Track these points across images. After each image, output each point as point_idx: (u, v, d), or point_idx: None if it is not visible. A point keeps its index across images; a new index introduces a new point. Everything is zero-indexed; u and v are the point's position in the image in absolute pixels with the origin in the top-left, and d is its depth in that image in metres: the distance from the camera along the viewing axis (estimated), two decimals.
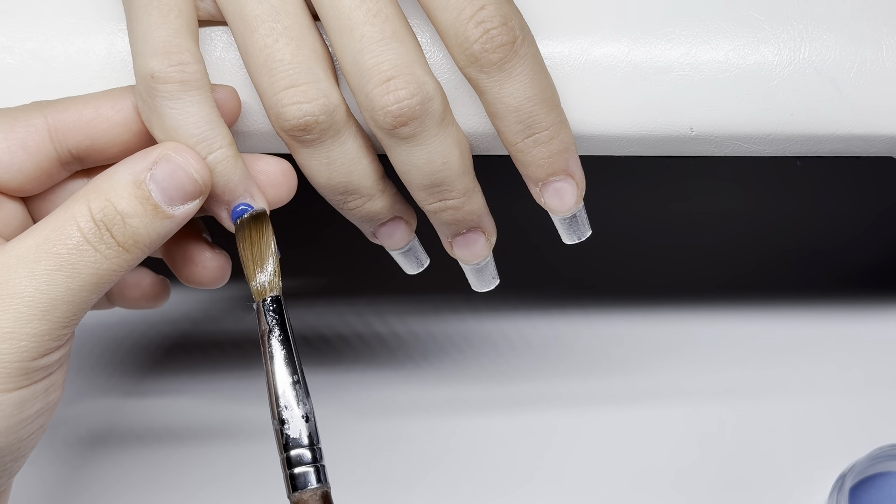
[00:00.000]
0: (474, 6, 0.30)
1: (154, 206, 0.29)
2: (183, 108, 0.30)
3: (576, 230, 0.35)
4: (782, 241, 0.55)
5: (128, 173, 0.29)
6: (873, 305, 0.52)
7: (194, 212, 0.30)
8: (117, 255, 0.29)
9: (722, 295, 0.53)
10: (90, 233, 0.29)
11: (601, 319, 0.52)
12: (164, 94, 0.30)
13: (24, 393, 0.29)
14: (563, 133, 0.32)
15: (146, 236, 0.29)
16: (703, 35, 0.34)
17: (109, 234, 0.29)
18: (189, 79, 0.30)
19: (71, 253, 0.29)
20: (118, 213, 0.29)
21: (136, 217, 0.29)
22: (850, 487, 0.43)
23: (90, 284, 0.29)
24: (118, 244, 0.29)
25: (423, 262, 0.37)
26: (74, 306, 0.29)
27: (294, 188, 0.33)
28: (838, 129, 0.34)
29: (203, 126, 0.30)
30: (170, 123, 0.30)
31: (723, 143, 0.35)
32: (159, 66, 0.30)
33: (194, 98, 0.30)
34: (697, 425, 0.48)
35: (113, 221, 0.29)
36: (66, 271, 0.28)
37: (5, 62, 0.34)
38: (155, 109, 0.30)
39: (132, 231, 0.29)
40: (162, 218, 0.29)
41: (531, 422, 0.49)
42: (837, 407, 0.49)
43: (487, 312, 0.52)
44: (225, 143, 0.31)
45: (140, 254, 0.30)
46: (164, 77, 0.30)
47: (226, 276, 0.34)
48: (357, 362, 0.51)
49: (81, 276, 0.29)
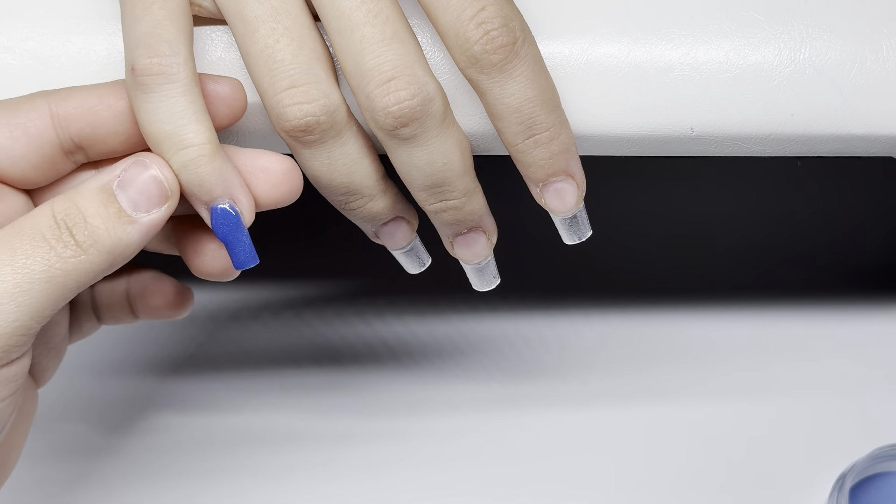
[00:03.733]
0: (475, 7, 0.30)
1: (118, 210, 0.29)
2: (157, 101, 0.29)
3: (576, 230, 0.35)
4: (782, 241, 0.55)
5: (97, 180, 0.29)
6: (873, 305, 0.52)
7: (161, 220, 0.30)
8: (73, 255, 0.28)
9: (722, 295, 0.53)
10: (48, 229, 0.28)
11: (601, 319, 0.52)
12: (141, 87, 0.29)
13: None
14: (564, 134, 0.32)
15: (107, 239, 0.29)
16: (703, 35, 0.34)
17: (69, 233, 0.28)
18: (165, 71, 0.29)
19: (25, 247, 0.28)
20: (80, 212, 0.29)
21: (98, 217, 0.29)
22: (850, 487, 0.43)
23: (41, 283, 0.28)
24: (76, 244, 0.28)
25: (425, 262, 0.37)
26: (24, 308, 0.28)
27: (297, 189, 0.32)
28: (839, 130, 0.35)
29: (176, 121, 0.29)
30: (143, 117, 0.29)
31: (723, 143, 0.35)
32: (138, 59, 0.29)
33: (170, 91, 0.29)
34: (697, 425, 0.48)
35: (74, 221, 0.28)
36: (16, 266, 0.28)
37: (6, 62, 0.34)
38: (134, 101, 0.29)
39: (92, 230, 0.29)
40: (126, 223, 0.29)
41: (531, 422, 0.49)
42: (837, 407, 0.49)
43: (488, 312, 0.52)
44: (199, 141, 0.30)
45: (99, 258, 0.29)
46: (141, 69, 0.29)
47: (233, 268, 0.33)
48: (357, 362, 0.51)
49: (32, 272, 0.28)
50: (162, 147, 0.30)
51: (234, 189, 0.30)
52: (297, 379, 0.50)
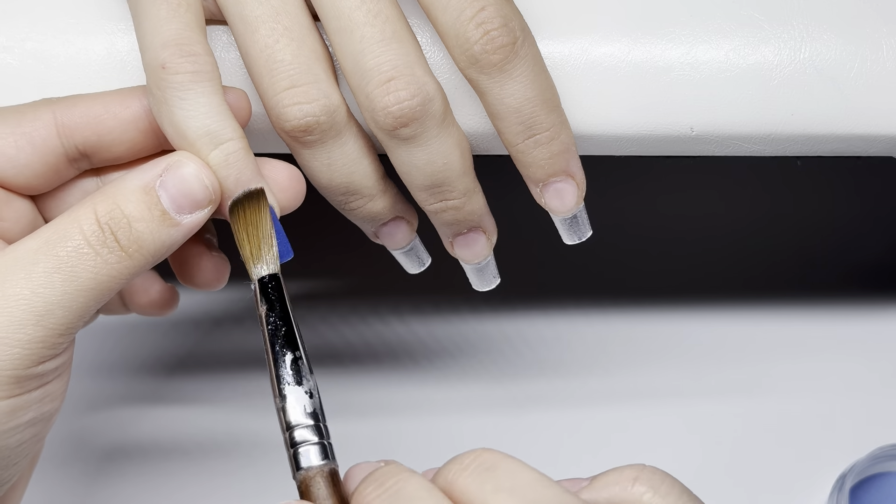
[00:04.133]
0: (475, 7, 0.30)
1: (162, 213, 0.29)
2: (194, 98, 0.29)
3: (576, 230, 0.35)
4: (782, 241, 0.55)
5: (138, 179, 0.29)
6: (873, 305, 0.52)
7: (202, 222, 0.30)
8: (119, 261, 0.28)
9: (722, 295, 0.53)
10: (93, 236, 0.28)
11: (601, 319, 0.52)
12: (175, 85, 0.29)
13: (16, 402, 0.28)
14: (564, 134, 0.32)
15: (151, 243, 0.29)
16: (703, 35, 0.34)
17: (114, 238, 0.28)
18: (200, 69, 0.29)
19: (70, 256, 0.28)
20: (125, 216, 0.28)
21: (143, 222, 0.29)
22: (850, 487, 0.43)
23: (88, 290, 0.28)
24: (121, 249, 0.28)
25: (425, 262, 0.37)
26: (71, 313, 0.28)
27: (301, 194, 0.32)
28: (839, 129, 0.34)
29: (213, 117, 0.29)
30: (179, 115, 0.29)
31: (723, 142, 0.35)
32: (170, 58, 0.29)
33: (205, 89, 0.29)
34: (697, 425, 0.48)
35: (119, 225, 0.28)
36: (64, 274, 0.28)
37: (5, 62, 0.34)
38: (165, 102, 0.29)
39: (137, 236, 0.28)
40: (169, 225, 0.29)
41: (531, 422, 0.49)
42: (837, 407, 0.49)
43: (488, 312, 0.52)
44: (237, 136, 0.30)
45: (143, 261, 0.29)
46: (175, 68, 0.29)
47: (223, 278, 0.34)
48: (357, 362, 0.51)
49: (80, 279, 0.28)
50: (199, 143, 0.29)
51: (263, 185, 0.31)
52: None
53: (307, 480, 0.29)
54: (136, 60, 0.34)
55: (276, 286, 0.30)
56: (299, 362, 0.30)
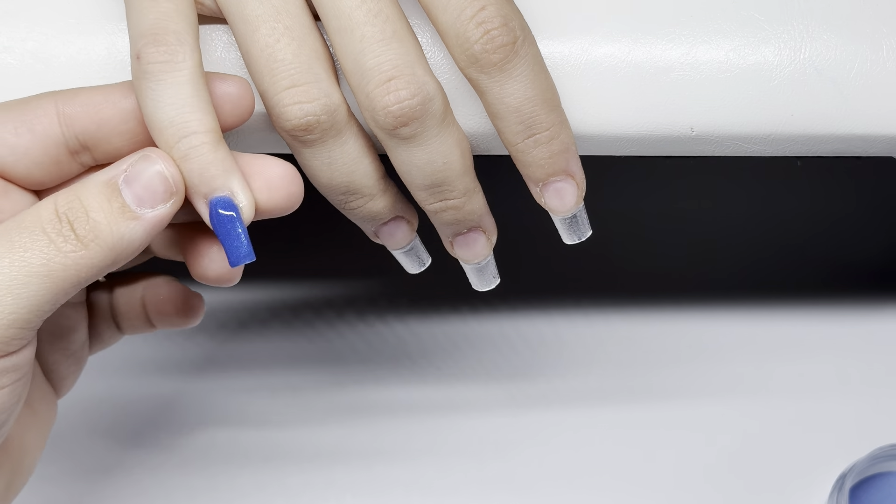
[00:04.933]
0: (475, 7, 0.30)
1: (122, 205, 0.28)
2: (162, 89, 0.29)
3: (576, 230, 0.35)
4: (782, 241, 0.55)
5: (103, 174, 0.29)
6: (873, 305, 0.52)
7: (166, 218, 0.29)
8: (73, 250, 0.28)
9: (722, 295, 0.53)
10: (49, 224, 0.28)
11: (601, 319, 0.52)
12: (147, 75, 0.29)
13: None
14: (564, 133, 0.32)
15: (108, 234, 0.28)
16: (703, 35, 0.34)
17: (70, 228, 0.28)
18: (171, 59, 0.29)
19: (24, 240, 0.27)
20: (83, 206, 0.28)
21: (101, 212, 0.28)
22: (850, 487, 0.43)
23: (39, 276, 0.27)
24: (77, 238, 0.28)
25: (425, 262, 0.37)
26: (21, 301, 0.27)
27: (296, 196, 0.31)
28: (839, 130, 0.35)
29: (180, 108, 0.29)
30: (148, 104, 0.29)
31: (723, 143, 0.35)
32: (144, 48, 0.29)
33: (175, 79, 0.29)
34: (697, 425, 0.48)
35: (76, 215, 0.28)
36: (13, 258, 0.27)
37: (5, 62, 0.34)
38: (139, 92, 0.29)
39: (93, 226, 0.28)
40: (129, 218, 0.28)
41: (531, 422, 0.49)
42: (837, 407, 0.49)
43: (488, 312, 0.52)
44: (202, 129, 0.29)
45: (100, 253, 0.28)
46: (147, 58, 0.29)
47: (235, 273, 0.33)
48: (358, 362, 0.51)
49: (30, 265, 0.27)
50: (165, 135, 0.29)
51: (233, 183, 0.30)
52: (298, 378, 0.50)
53: None
54: None
55: None
56: None
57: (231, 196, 0.30)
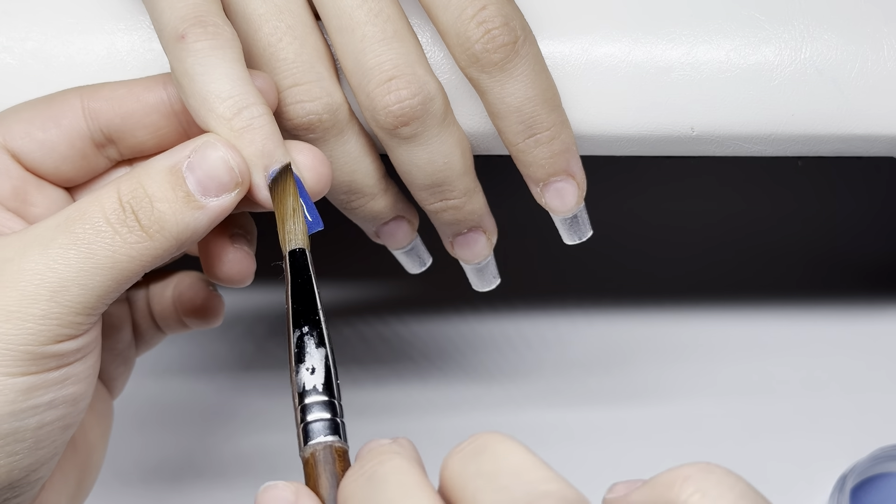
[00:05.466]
0: (476, 6, 0.30)
1: (186, 194, 0.28)
2: (215, 65, 0.28)
3: (577, 230, 0.35)
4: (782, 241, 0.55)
5: (165, 160, 0.28)
6: (873, 305, 0.52)
7: (229, 207, 0.29)
8: (138, 241, 0.28)
9: (722, 295, 0.53)
10: (113, 214, 0.27)
11: (601, 319, 0.52)
12: (195, 53, 0.28)
13: (32, 380, 0.27)
14: (564, 133, 0.32)
15: (174, 224, 0.28)
16: (704, 35, 0.34)
17: (134, 217, 0.28)
18: (220, 36, 0.28)
19: (87, 232, 0.27)
20: (147, 196, 0.28)
21: (166, 202, 0.28)
22: (851, 488, 0.43)
23: (105, 268, 0.27)
24: (142, 228, 0.28)
25: (426, 262, 0.37)
26: (88, 291, 0.27)
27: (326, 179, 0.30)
28: (839, 130, 0.34)
29: (236, 82, 0.28)
30: (200, 81, 0.28)
31: (724, 143, 0.35)
32: (190, 28, 0.28)
33: (226, 56, 0.28)
34: (697, 425, 0.48)
35: (140, 204, 0.28)
36: (80, 250, 0.27)
37: (5, 62, 0.34)
38: (185, 73, 0.28)
39: (159, 215, 0.28)
40: (193, 208, 0.28)
41: (531, 422, 0.49)
42: (837, 407, 0.49)
43: (488, 312, 0.52)
44: (260, 102, 0.28)
45: (165, 244, 0.28)
46: (195, 37, 0.28)
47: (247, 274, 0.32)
48: (357, 362, 0.51)
49: (96, 257, 0.27)
50: (221, 108, 0.28)
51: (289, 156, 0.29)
52: None
53: (314, 456, 0.28)
54: (137, 60, 0.34)
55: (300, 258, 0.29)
56: (315, 334, 0.29)
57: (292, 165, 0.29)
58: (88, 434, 0.33)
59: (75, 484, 0.32)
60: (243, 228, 0.33)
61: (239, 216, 0.32)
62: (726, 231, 0.55)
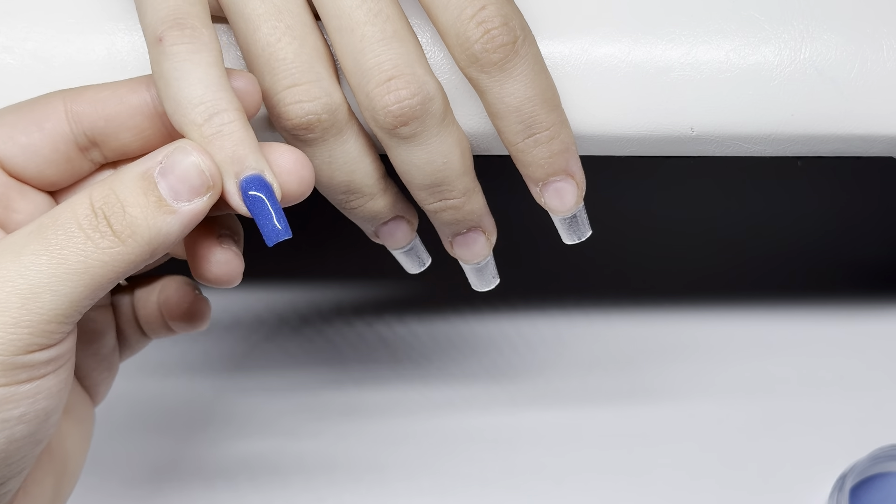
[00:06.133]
0: (475, 6, 0.30)
1: (158, 199, 0.28)
2: (189, 68, 0.28)
3: (576, 230, 0.35)
4: (782, 240, 0.55)
5: (137, 167, 0.28)
6: (873, 305, 0.52)
7: (202, 211, 0.29)
8: (111, 246, 0.27)
9: (722, 295, 0.53)
10: (85, 220, 0.27)
11: (601, 319, 0.52)
12: (172, 56, 0.28)
13: (3, 392, 0.27)
14: (564, 133, 0.32)
15: (145, 229, 0.28)
16: (703, 35, 0.34)
17: (106, 223, 0.28)
18: (197, 40, 0.28)
19: (59, 237, 0.27)
20: (119, 201, 0.28)
21: (138, 207, 0.28)
22: (850, 488, 0.43)
23: (77, 273, 0.27)
24: (114, 233, 0.27)
25: (425, 262, 0.37)
26: (60, 297, 0.27)
27: (309, 182, 0.30)
28: (839, 130, 0.34)
29: (209, 87, 0.28)
30: (174, 86, 0.28)
31: (723, 143, 0.35)
32: (167, 31, 0.28)
33: (202, 60, 0.28)
34: (697, 425, 0.48)
35: (112, 210, 0.28)
36: (51, 256, 0.27)
37: (5, 62, 0.34)
38: (161, 75, 0.29)
39: (130, 220, 0.28)
40: (165, 212, 0.28)
41: (531, 421, 0.49)
42: (837, 407, 0.49)
43: (488, 312, 0.52)
44: (232, 107, 0.28)
45: (138, 248, 0.28)
46: (172, 40, 0.28)
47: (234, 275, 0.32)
48: (357, 362, 0.51)
49: (68, 262, 0.27)
50: (193, 114, 0.28)
51: (263, 162, 0.29)
52: (298, 379, 0.50)
53: None
54: (137, 60, 0.34)
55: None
56: None
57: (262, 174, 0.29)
58: (66, 442, 0.33)
59: (52, 492, 0.32)
60: (230, 229, 0.33)
61: (225, 217, 0.32)
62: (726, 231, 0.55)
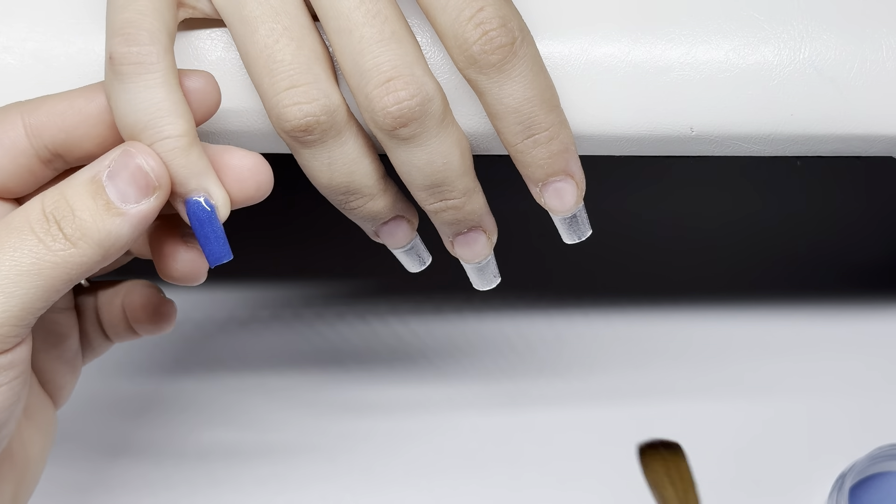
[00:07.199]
0: (473, 7, 0.30)
1: (106, 202, 0.28)
2: (135, 91, 0.29)
3: (576, 230, 0.35)
4: (782, 241, 0.55)
5: (87, 171, 0.29)
6: (873, 305, 0.52)
7: (151, 212, 0.29)
8: (62, 248, 0.28)
9: (722, 295, 0.53)
10: (37, 223, 0.28)
11: (601, 319, 0.52)
12: (119, 76, 0.29)
13: None
14: (563, 133, 0.32)
15: (95, 231, 0.28)
16: (703, 35, 0.34)
17: (57, 227, 0.28)
18: (144, 60, 0.29)
19: (11, 240, 0.28)
20: (69, 206, 0.28)
21: (87, 211, 0.28)
22: (849, 487, 0.43)
23: (30, 275, 0.28)
24: (65, 236, 0.28)
25: (426, 261, 0.37)
26: (13, 300, 0.27)
27: (265, 185, 0.31)
28: (838, 129, 0.35)
29: (153, 112, 0.29)
30: (120, 107, 0.29)
31: (723, 143, 0.35)
32: (116, 48, 0.29)
33: (148, 81, 0.29)
34: (697, 425, 0.48)
35: (62, 214, 0.28)
36: (4, 258, 0.27)
37: (5, 62, 0.34)
38: (111, 93, 0.29)
39: (80, 223, 0.28)
40: (114, 215, 0.28)
41: (531, 421, 0.49)
42: (837, 407, 0.49)
43: (488, 311, 0.52)
44: (176, 133, 0.29)
45: (89, 251, 0.28)
46: (119, 58, 0.29)
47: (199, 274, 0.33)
48: (357, 362, 0.51)
49: (21, 265, 0.27)
50: (139, 139, 0.29)
51: (208, 183, 0.30)
52: (297, 379, 0.50)
53: None
54: None
55: None
56: None
57: (207, 196, 0.30)
58: (28, 447, 0.33)
59: (10, 497, 0.32)
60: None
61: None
62: (726, 231, 0.55)
